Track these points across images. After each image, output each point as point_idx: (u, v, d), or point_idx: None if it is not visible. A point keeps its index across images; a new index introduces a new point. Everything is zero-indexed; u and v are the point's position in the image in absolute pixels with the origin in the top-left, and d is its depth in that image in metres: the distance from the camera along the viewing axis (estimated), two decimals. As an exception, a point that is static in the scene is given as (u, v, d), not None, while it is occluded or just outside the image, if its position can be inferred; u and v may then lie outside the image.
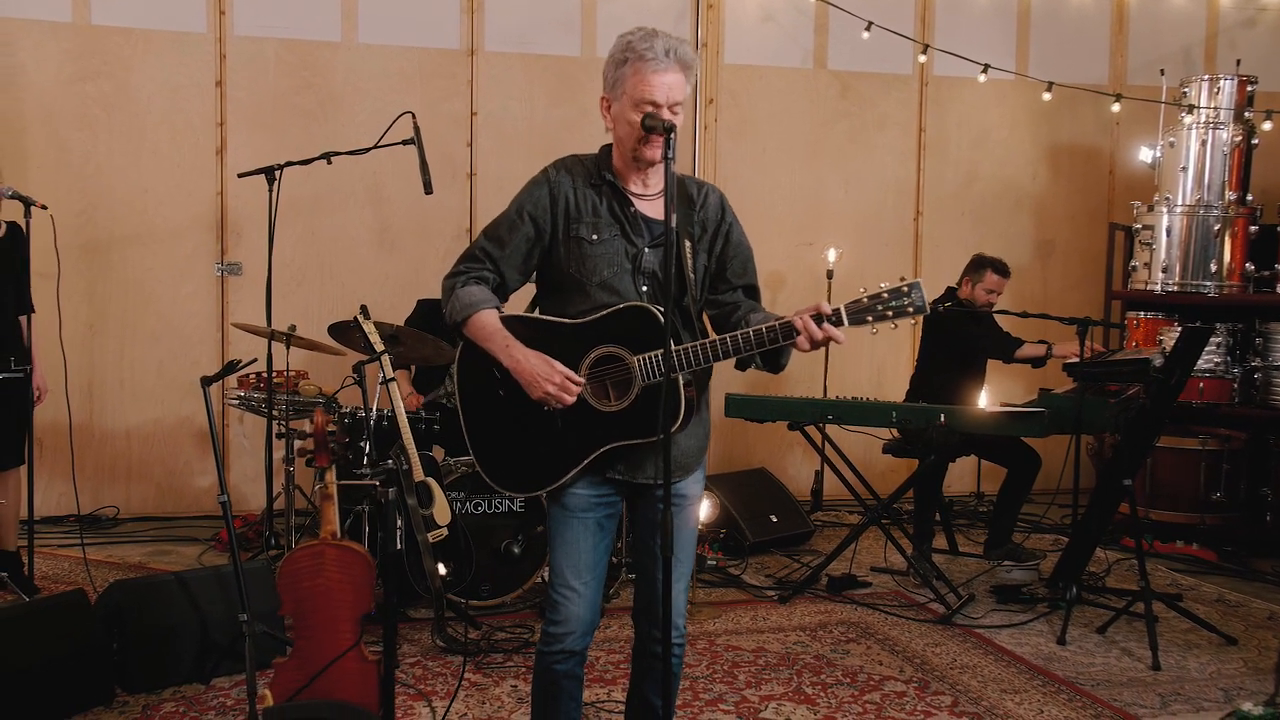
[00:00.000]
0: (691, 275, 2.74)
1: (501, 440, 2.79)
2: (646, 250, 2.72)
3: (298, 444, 3.65)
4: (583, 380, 2.66)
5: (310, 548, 3.40)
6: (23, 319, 4.82)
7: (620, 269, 2.71)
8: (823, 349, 2.63)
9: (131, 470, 6.39)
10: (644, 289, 2.71)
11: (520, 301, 2.91)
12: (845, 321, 2.56)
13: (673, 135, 2.52)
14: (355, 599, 3.39)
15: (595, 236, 2.71)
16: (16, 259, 4.72)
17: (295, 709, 3.25)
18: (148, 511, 6.37)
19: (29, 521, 4.75)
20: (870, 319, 2.56)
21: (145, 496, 6.41)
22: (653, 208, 2.75)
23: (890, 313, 2.55)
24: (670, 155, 2.49)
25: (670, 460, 2.49)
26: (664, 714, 2.56)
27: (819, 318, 2.55)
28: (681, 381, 2.60)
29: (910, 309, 2.55)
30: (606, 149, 2.80)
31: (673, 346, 2.52)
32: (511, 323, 2.73)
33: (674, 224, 2.51)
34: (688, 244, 2.73)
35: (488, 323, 2.71)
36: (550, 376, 2.63)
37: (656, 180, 2.76)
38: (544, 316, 2.77)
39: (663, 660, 2.57)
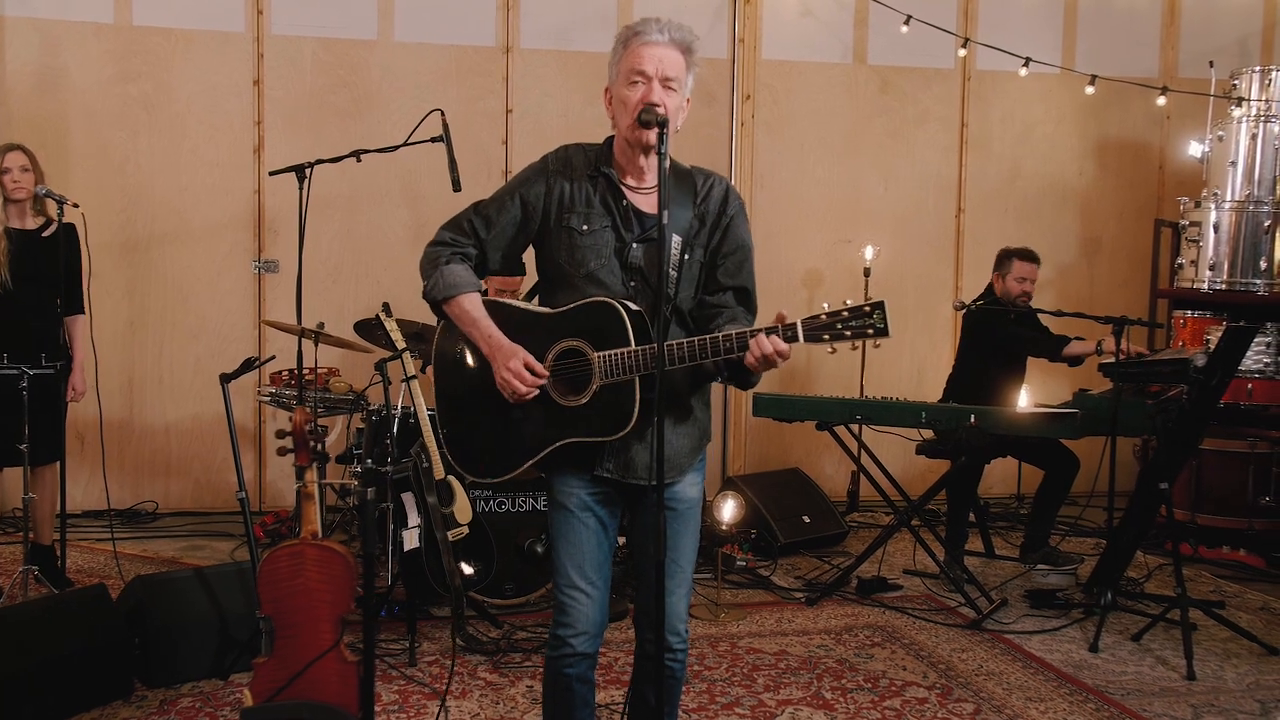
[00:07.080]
0: (673, 273, 2.64)
1: (467, 424, 2.78)
2: (634, 245, 2.65)
3: (278, 443, 3.64)
4: (546, 373, 2.61)
5: (290, 547, 3.37)
6: (72, 319, 4.89)
7: (607, 261, 2.64)
8: (859, 350, 2.56)
9: (170, 465, 6.48)
10: (631, 284, 2.65)
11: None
12: (801, 338, 2.44)
13: (665, 130, 2.45)
14: (335, 599, 3.35)
15: (585, 227, 2.64)
16: (62, 259, 4.78)
17: (274, 709, 3.23)
18: (186, 506, 6.46)
19: (62, 516, 4.82)
20: (828, 337, 2.43)
21: (184, 492, 6.49)
22: (647, 201, 2.68)
23: (849, 332, 2.41)
24: (663, 150, 2.43)
25: (663, 459, 2.42)
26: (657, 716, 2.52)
27: (774, 329, 2.45)
28: (636, 384, 2.53)
29: (870, 330, 2.40)
30: (609, 141, 2.73)
31: (632, 347, 2.50)
32: (489, 308, 2.71)
33: (666, 220, 2.43)
34: (677, 239, 2.64)
35: (471, 308, 2.69)
36: (507, 363, 2.59)
37: (654, 174, 2.68)
38: (518, 304, 2.75)
39: (655, 661, 2.53)
